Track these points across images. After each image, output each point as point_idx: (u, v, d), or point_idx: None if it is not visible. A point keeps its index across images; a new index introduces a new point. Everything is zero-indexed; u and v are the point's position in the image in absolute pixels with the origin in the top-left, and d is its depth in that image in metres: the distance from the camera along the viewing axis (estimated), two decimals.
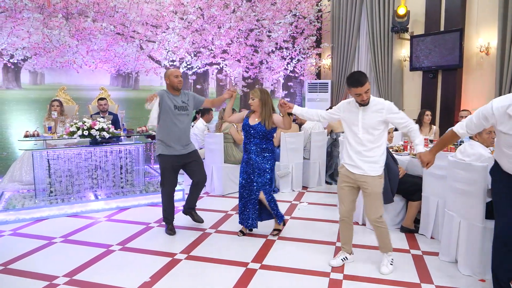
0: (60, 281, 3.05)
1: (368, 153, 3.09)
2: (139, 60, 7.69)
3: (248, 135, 3.92)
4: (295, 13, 8.63)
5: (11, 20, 6.45)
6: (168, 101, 3.93)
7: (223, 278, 3.11)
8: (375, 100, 3.10)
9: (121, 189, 5.41)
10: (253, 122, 3.90)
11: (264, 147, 3.90)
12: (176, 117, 3.96)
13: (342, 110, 3.24)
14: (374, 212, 3.17)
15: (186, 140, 4.07)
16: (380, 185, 3.16)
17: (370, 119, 3.07)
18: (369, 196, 3.15)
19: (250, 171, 3.93)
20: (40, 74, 7.08)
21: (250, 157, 3.91)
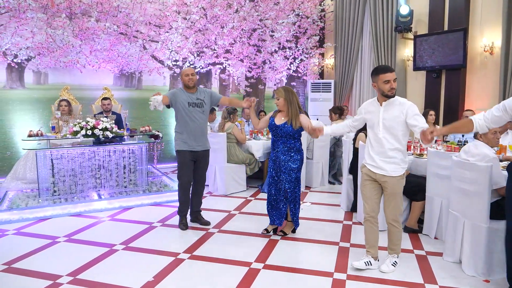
0: (64, 280, 3.06)
1: (390, 153, 3.06)
2: (142, 60, 7.70)
3: (275, 135, 3.93)
4: (298, 13, 8.62)
5: (15, 20, 6.47)
6: (181, 98, 4.10)
7: (226, 278, 3.11)
8: (398, 100, 3.06)
9: (124, 188, 5.41)
10: (279, 122, 3.89)
11: (291, 146, 3.87)
12: (190, 113, 4.11)
13: (363, 112, 3.25)
14: (393, 213, 3.15)
15: (201, 136, 4.20)
16: (400, 186, 3.12)
17: (391, 118, 3.03)
18: (389, 196, 3.13)
19: (278, 169, 3.93)
20: (44, 74, 7.10)
21: (277, 155, 3.91)
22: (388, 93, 3.00)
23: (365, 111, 3.23)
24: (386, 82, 2.97)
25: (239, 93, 9.04)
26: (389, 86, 2.97)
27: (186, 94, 4.14)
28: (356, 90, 8.91)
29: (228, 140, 5.82)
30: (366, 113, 3.21)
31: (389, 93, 3.00)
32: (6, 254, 3.57)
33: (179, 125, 4.18)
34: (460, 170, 3.24)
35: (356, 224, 4.43)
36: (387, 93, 3.01)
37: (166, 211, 4.96)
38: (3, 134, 6.72)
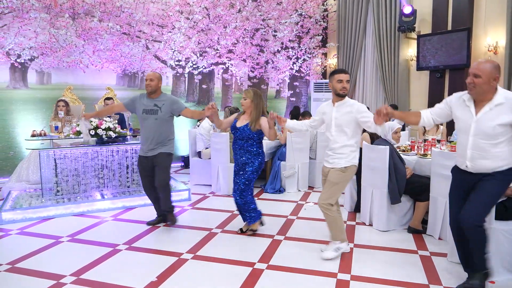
0: (67, 280, 3.06)
1: (340, 150, 3.33)
2: (145, 60, 7.71)
3: (236, 137, 3.92)
4: (301, 13, 8.62)
5: (18, 20, 6.49)
6: (138, 104, 4.12)
7: (229, 278, 3.10)
8: (349, 101, 3.35)
9: (127, 188, 5.41)
10: (240, 124, 3.89)
11: (248, 149, 3.88)
12: (143, 120, 4.09)
13: (320, 112, 3.51)
14: (324, 198, 3.37)
15: (153, 143, 4.08)
16: (339, 177, 3.34)
17: (342, 118, 3.30)
18: (326, 182, 3.41)
19: (237, 171, 3.98)
20: (47, 74, 7.11)
21: (237, 158, 3.95)
22: (339, 91, 3.29)
23: (322, 112, 3.48)
24: (339, 82, 3.27)
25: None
26: (341, 86, 3.27)
27: (146, 99, 4.11)
28: (359, 90, 8.90)
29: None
30: (323, 114, 3.47)
31: (340, 91, 3.29)
32: (9, 254, 3.57)
33: (140, 132, 4.23)
34: None
35: (360, 224, 4.42)
36: (338, 92, 3.29)
37: None
38: (6, 134, 6.74)
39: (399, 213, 4.21)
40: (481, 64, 2.59)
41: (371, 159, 4.24)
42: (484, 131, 2.57)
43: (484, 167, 2.62)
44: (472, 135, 2.61)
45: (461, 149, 2.72)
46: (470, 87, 2.60)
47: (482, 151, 2.60)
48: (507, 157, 2.59)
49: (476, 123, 2.60)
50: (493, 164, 2.60)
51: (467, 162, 2.67)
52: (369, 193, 4.34)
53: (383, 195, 4.10)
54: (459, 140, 2.77)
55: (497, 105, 2.54)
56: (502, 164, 2.59)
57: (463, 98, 2.70)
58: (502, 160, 2.59)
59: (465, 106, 2.67)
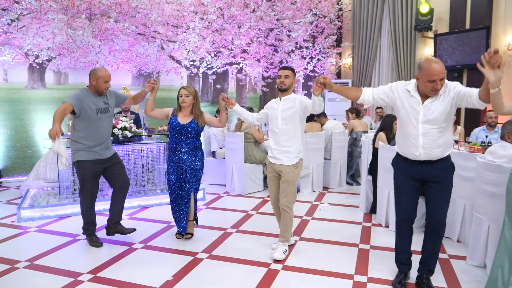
0: (85, 278, 3.09)
1: (285, 143, 3.43)
2: (160, 60, 7.77)
3: (179, 135, 3.79)
4: (315, 12, 8.57)
5: (37, 21, 6.60)
6: (89, 104, 3.57)
7: (245, 279, 3.09)
8: (294, 95, 3.51)
9: (143, 187, 5.45)
10: (185, 121, 3.78)
11: (195, 146, 3.86)
12: (98, 121, 3.63)
13: (267, 107, 3.64)
14: (287, 200, 3.46)
15: (108, 142, 3.79)
16: (294, 174, 3.44)
17: (287, 111, 3.43)
18: (284, 183, 3.45)
19: (181, 172, 3.82)
20: (64, 74, 7.22)
21: (181, 157, 3.80)
22: (278, 86, 3.50)
23: (270, 106, 3.61)
24: (278, 77, 3.48)
25: (255, 93, 9.03)
26: (279, 81, 3.47)
27: (93, 98, 3.62)
28: None
29: (246, 140, 5.81)
30: (270, 109, 3.59)
31: (278, 85, 3.50)
32: (28, 251, 3.63)
33: (82, 134, 3.61)
34: (485, 172, 3.15)
35: (376, 225, 4.37)
36: (278, 86, 3.51)
37: None
38: (24, 133, 6.86)
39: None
40: (439, 66, 2.57)
41: (387, 159, 4.18)
42: (431, 118, 2.65)
43: (434, 154, 2.70)
44: (422, 122, 2.67)
45: (411, 137, 2.73)
46: (436, 91, 2.61)
47: (432, 137, 2.67)
48: (449, 143, 2.75)
49: (423, 110, 2.66)
50: (442, 152, 2.71)
51: (420, 150, 2.70)
52: (385, 194, 4.29)
53: None
54: (406, 130, 2.76)
55: (440, 94, 2.64)
56: (447, 150, 2.73)
57: (407, 89, 2.75)
58: (447, 146, 2.73)
59: (410, 96, 2.73)
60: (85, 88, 3.68)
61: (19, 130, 6.83)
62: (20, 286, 2.99)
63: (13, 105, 6.80)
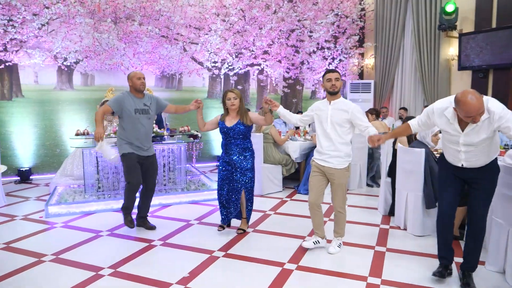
0: (105, 272, 3.22)
1: (338, 147, 3.44)
2: (183, 61, 7.92)
3: (227, 137, 3.96)
4: (337, 13, 8.53)
5: (65, 25, 6.86)
6: (128, 105, 3.93)
7: (259, 277, 3.14)
8: (344, 101, 3.49)
9: (164, 186, 5.59)
10: (231, 124, 3.92)
11: (245, 147, 3.96)
12: (137, 120, 3.96)
13: (313, 109, 3.63)
14: (341, 202, 3.57)
15: (147, 142, 4.10)
16: (345, 177, 3.51)
17: (338, 117, 3.43)
18: (336, 186, 3.51)
19: (231, 171, 3.98)
20: (91, 75, 7.48)
21: (231, 158, 3.96)
22: (329, 89, 3.45)
23: (317, 108, 3.60)
24: (328, 81, 3.45)
25: (276, 94, 9.07)
26: (330, 84, 3.44)
27: (134, 99, 3.97)
28: (397, 90, 8.68)
29: (265, 140, 5.86)
30: (318, 111, 3.58)
31: (330, 89, 3.45)
32: (54, 245, 3.81)
33: (125, 132, 3.98)
34: (504, 176, 3.09)
35: (394, 228, 4.33)
36: (329, 90, 3.46)
37: (203, 209, 5.08)
38: (53, 132, 7.14)
39: (435, 218, 4.08)
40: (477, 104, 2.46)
41: (406, 162, 4.15)
42: (472, 143, 2.69)
43: (478, 164, 2.79)
44: (462, 146, 2.75)
45: (454, 154, 2.85)
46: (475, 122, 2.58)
47: (474, 155, 2.75)
48: (494, 151, 2.80)
49: (464, 137, 2.71)
50: (486, 160, 2.79)
51: (462, 162, 2.83)
52: (403, 196, 4.25)
53: (418, 199, 4.00)
54: (450, 148, 2.87)
55: (482, 121, 2.59)
56: (491, 157, 2.80)
57: (445, 115, 2.75)
58: (491, 154, 2.79)
59: (449, 124, 2.75)
60: (128, 91, 4.02)
61: (48, 129, 7.12)
62: (46, 278, 3.15)
63: (43, 105, 7.10)
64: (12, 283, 3.07)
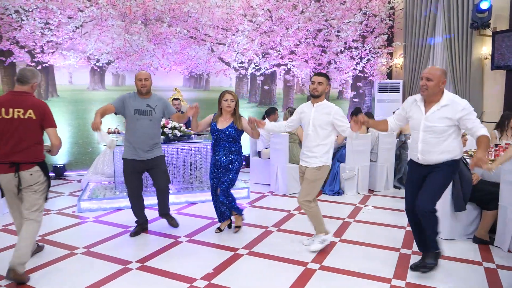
0: (133, 266, 3.34)
1: (314, 149, 3.54)
2: (210, 62, 8.03)
3: (217, 139, 3.95)
4: (365, 12, 8.42)
5: (98, 27, 7.10)
6: (129, 105, 3.85)
7: (281, 276, 3.17)
8: (328, 103, 3.59)
9: (190, 184, 5.70)
10: (223, 126, 3.91)
11: (232, 150, 3.94)
12: (136, 121, 3.85)
13: (298, 112, 3.73)
14: (303, 195, 3.60)
15: (148, 145, 3.91)
16: (315, 175, 3.55)
17: (319, 119, 3.52)
18: (305, 180, 3.61)
19: (218, 172, 3.98)
20: (121, 76, 7.71)
21: (217, 159, 3.96)
22: (311, 92, 3.58)
23: (301, 111, 3.71)
24: (312, 83, 3.56)
25: (303, 94, 9.05)
26: (313, 87, 3.55)
27: (137, 100, 3.88)
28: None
29: (291, 140, 5.87)
30: (301, 113, 3.69)
31: (311, 92, 3.57)
32: (86, 239, 3.97)
33: (127, 133, 3.95)
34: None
35: None
36: (311, 92, 3.58)
37: None
38: (86, 131, 7.41)
39: (465, 222, 3.99)
40: (432, 69, 2.93)
41: None
42: (432, 128, 2.91)
43: (431, 160, 2.98)
44: (422, 131, 2.96)
45: (413, 143, 3.07)
46: (423, 89, 2.91)
47: (430, 145, 2.94)
48: (452, 150, 2.95)
49: (425, 120, 2.94)
50: (439, 157, 2.95)
51: (418, 155, 3.02)
52: None
53: (447, 202, 3.91)
54: (412, 136, 3.10)
55: (443, 106, 2.89)
56: (448, 157, 2.94)
57: (415, 99, 3.07)
58: (448, 153, 2.94)
59: (416, 106, 3.04)
60: (134, 91, 3.98)
61: (81, 128, 7.39)
62: (77, 270, 3.29)
63: (77, 105, 7.38)
64: (46, 274, 3.23)
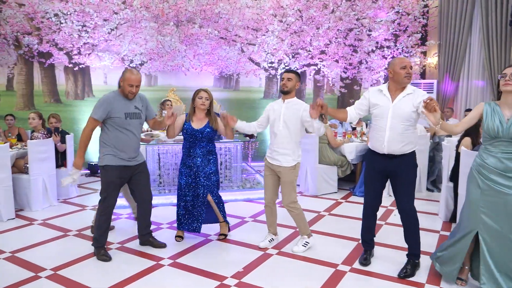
0: (165, 262, 3.41)
1: (285, 146, 3.52)
2: (240, 62, 8.10)
3: (193, 140, 3.74)
4: (398, 10, 8.25)
5: (132, 29, 7.30)
6: (118, 108, 3.36)
7: (311, 277, 3.16)
8: (297, 100, 3.58)
9: (220, 184, 5.75)
10: (199, 126, 3.72)
11: (209, 150, 3.81)
12: (127, 125, 3.41)
13: (268, 109, 3.72)
14: (288, 199, 3.59)
15: (137, 150, 3.58)
16: (292, 174, 3.55)
17: (290, 115, 3.51)
18: (284, 184, 3.58)
19: (194, 175, 3.78)
20: (154, 76, 7.89)
21: (194, 161, 3.76)
22: (280, 88, 3.60)
23: (270, 108, 3.69)
24: (281, 80, 3.59)
25: (333, 94, 8.97)
26: (282, 83, 3.58)
27: (123, 101, 3.39)
28: (462, 92, 8.22)
29: (321, 141, 5.83)
30: (271, 111, 3.66)
31: (280, 87, 3.60)
32: (120, 235, 4.09)
33: (109, 137, 3.40)
34: None
35: None
36: (280, 88, 3.61)
37: (258, 207, 5.17)
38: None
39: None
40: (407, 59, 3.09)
41: (469, 165, 3.93)
42: (399, 114, 3.01)
43: (396, 149, 3.05)
44: (390, 118, 3.04)
45: (379, 132, 3.10)
46: (408, 76, 3.00)
47: (397, 132, 3.02)
48: (413, 141, 3.09)
49: (393, 107, 3.04)
50: (404, 147, 3.05)
51: (384, 143, 3.07)
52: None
53: None
54: (377, 125, 3.14)
55: (408, 93, 3.04)
56: (410, 147, 3.08)
57: (379, 89, 3.16)
58: (409, 143, 3.06)
59: (382, 95, 3.12)
60: (115, 91, 3.47)
61: None
62: (111, 265, 3.40)
63: None
64: (79, 268, 3.35)
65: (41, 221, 4.59)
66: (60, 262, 3.42)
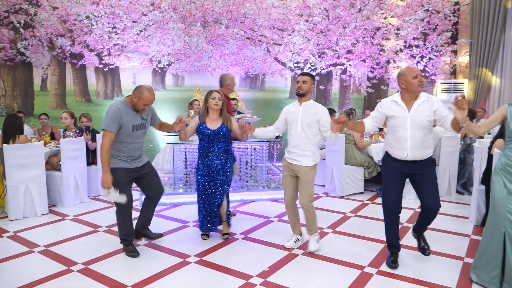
0: (192, 260, 3.47)
1: (304, 147, 3.55)
2: (266, 62, 8.12)
3: (211, 140, 3.75)
4: (427, 8, 8.06)
5: (160, 30, 7.44)
6: (127, 121, 3.45)
7: (337, 279, 3.14)
8: (314, 103, 3.63)
9: (246, 183, 5.80)
10: (215, 126, 3.74)
11: (227, 149, 3.84)
12: (133, 137, 3.52)
13: (284, 112, 3.74)
14: (307, 199, 3.58)
15: (140, 153, 3.68)
16: (311, 174, 3.58)
17: (308, 117, 3.54)
18: (302, 183, 3.58)
19: (213, 176, 3.78)
20: (181, 77, 8.01)
21: (213, 161, 3.76)
22: (296, 90, 3.62)
23: (287, 111, 3.71)
24: (297, 83, 3.62)
25: (360, 94, 8.85)
26: (297, 86, 3.60)
27: (132, 114, 3.49)
28: (494, 92, 7.94)
29: (347, 141, 5.77)
30: (287, 113, 3.69)
31: (296, 90, 3.62)
32: None
33: (119, 146, 3.49)
34: None
35: None
36: (296, 91, 3.63)
37: (283, 207, 5.13)
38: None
39: None
40: (416, 68, 3.17)
41: None
42: (418, 123, 3.07)
43: (419, 156, 3.11)
44: (410, 127, 3.08)
45: (401, 142, 3.13)
46: (421, 84, 3.08)
47: (419, 140, 3.08)
48: (432, 146, 3.18)
49: (411, 117, 3.08)
50: (426, 151, 3.12)
51: (408, 151, 3.10)
52: None
53: None
54: (397, 135, 3.16)
55: (423, 101, 3.10)
56: (430, 151, 3.16)
57: (394, 100, 3.20)
58: (429, 147, 3.15)
59: (397, 106, 3.16)
60: (123, 101, 3.53)
61: None
62: (139, 260, 3.49)
63: None
64: (109, 263, 3.45)
65: (73, 217, 4.75)
66: (91, 257, 3.54)
